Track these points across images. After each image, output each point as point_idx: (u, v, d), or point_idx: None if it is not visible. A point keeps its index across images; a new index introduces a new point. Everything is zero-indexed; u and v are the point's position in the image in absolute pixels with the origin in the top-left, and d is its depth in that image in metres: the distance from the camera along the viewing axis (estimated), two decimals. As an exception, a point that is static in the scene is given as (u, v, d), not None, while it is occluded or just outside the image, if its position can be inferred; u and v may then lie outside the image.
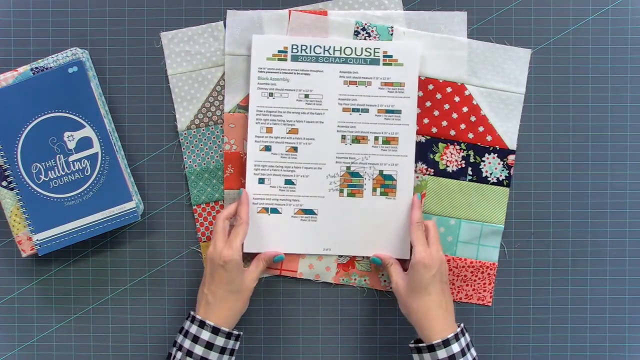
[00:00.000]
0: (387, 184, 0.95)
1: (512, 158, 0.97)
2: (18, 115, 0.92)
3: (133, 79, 0.97)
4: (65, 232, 0.93)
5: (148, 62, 0.97)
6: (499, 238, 0.97)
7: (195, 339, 0.86)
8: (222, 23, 0.96)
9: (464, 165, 0.97)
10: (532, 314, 0.98)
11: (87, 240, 0.96)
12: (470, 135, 0.96)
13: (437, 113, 0.96)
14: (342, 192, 0.96)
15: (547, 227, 0.98)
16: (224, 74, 0.96)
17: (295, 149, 0.95)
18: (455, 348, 0.85)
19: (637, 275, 0.98)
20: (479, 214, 0.97)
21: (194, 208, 0.97)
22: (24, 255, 0.94)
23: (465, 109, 0.96)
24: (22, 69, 0.92)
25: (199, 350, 0.86)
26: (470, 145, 0.97)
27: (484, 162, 0.97)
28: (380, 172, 0.96)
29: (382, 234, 0.96)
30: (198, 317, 0.87)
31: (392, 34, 0.96)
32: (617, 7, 0.97)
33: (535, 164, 0.97)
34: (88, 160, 0.93)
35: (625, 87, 0.97)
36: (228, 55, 0.96)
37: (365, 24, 0.95)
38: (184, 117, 0.97)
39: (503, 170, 0.97)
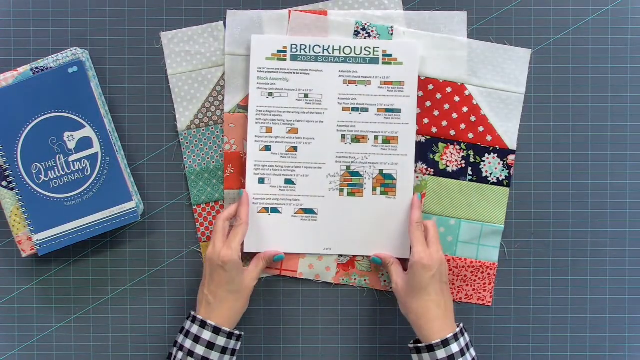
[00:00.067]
0: (387, 184, 0.95)
1: (512, 158, 0.97)
2: (18, 115, 0.92)
3: (133, 79, 0.97)
4: (65, 232, 0.93)
5: (148, 62, 0.97)
6: (499, 238, 0.97)
7: (197, 339, 0.86)
8: (222, 23, 0.96)
9: (464, 165, 0.97)
10: (532, 314, 0.98)
11: (87, 240, 0.96)
12: (470, 135, 0.96)
13: (437, 113, 0.96)
14: (342, 191, 0.96)
15: (547, 227, 0.98)
16: (224, 74, 0.96)
17: (295, 149, 0.95)
18: (455, 348, 0.84)
19: (637, 275, 0.98)
20: (479, 214, 0.97)
21: (194, 208, 0.97)
22: (24, 255, 0.94)
23: (465, 109, 0.96)
24: (22, 69, 0.92)
25: (200, 350, 0.86)
26: (470, 145, 0.97)
27: (484, 162, 0.97)
28: (380, 171, 0.95)
29: (382, 233, 0.96)
30: (199, 317, 0.87)
31: (392, 34, 0.96)
32: (617, 7, 0.97)
33: (535, 164, 0.97)
34: (88, 160, 0.93)
35: (625, 87, 0.97)
36: (228, 55, 0.96)
37: (365, 24, 0.95)
38: (184, 117, 0.97)
39: (503, 170, 0.97)
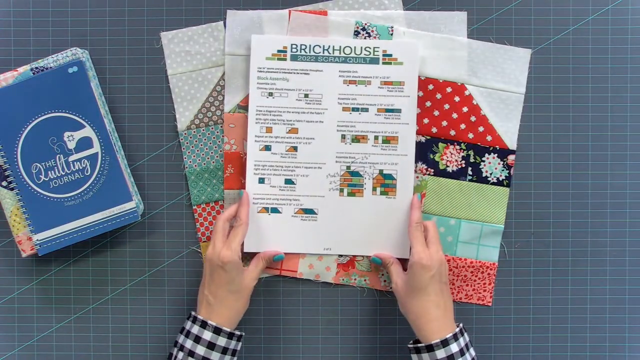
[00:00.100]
0: (387, 183, 0.95)
1: (512, 158, 0.97)
2: (18, 115, 0.92)
3: (133, 79, 0.97)
4: (65, 232, 0.93)
5: (148, 62, 0.97)
6: (499, 238, 0.97)
7: (197, 339, 0.86)
8: (222, 23, 0.96)
9: (464, 165, 0.97)
10: (532, 314, 0.98)
11: (87, 240, 0.96)
12: (470, 135, 0.96)
13: (437, 113, 0.96)
14: (342, 191, 0.96)
15: (547, 227, 0.98)
16: (224, 74, 0.96)
17: (295, 149, 0.95)
18: (454, 348, 0.84)
19: (637, 275, 0.98)
20: (479, 214, 0.97)
21: (194, 208, 0.97)
22: (24, 255, 0.94)
23: (465, 109, 0.96)
24: (22, 69, 0.92)
25: (201, 351, 0.86)
26: (470, 145, 0.97)
27: (484, 162, 0.97)
28: (380, 171, 0.95)
29: (382, 233, 0.96)
30: (200, 317, 0.87)
31: (392, 34, 0.96)
32: (617, 7, 0.97)
33: (535, 164, 0.97)
34: (88, 160, 0.93)
35: (625, 87, 0.97)
36: (228, 55, 0.96)
37: (365, 24, 0.95)
38: (184, 117, 0.97)
39: (503, 170, 0.97)
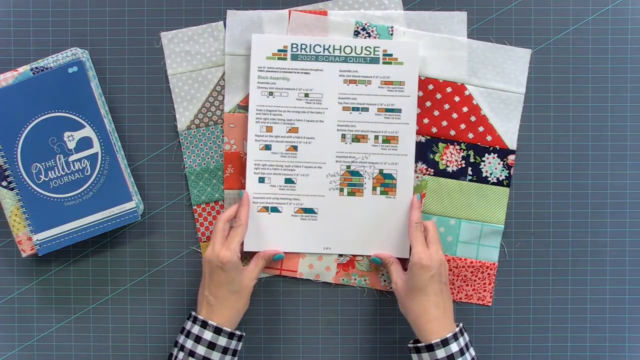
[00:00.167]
0: (387, 183, 0.95)
1: (512, 158, 0.97)
2: (18, 115, 0.92)
3: (133, 79, 0.97)
4: (65, 232, 0.93)
5: (148, 62, 0.97)
6: (499, 238, 0.97)
7: (198, 339, 0.86)
8: (222, 23, 0.96)
9: (464, 165, 0.97)
10: (532, 314, 0.98)
11: (87, 240, 0.96)
12: (470, 135, 0.96)
13: (437, 113, 0.96)
14: (342, 191, 0.96)
15: (547, 227, 0.98)
16: (224, 74, 0.96)
17: (295, 148, 0.95)
18: (454, 347, 0.84)
19: (637, 275, 0.98)
20: (479, 214, 0.97)
21: (194, 208, 0.97)
22: (24, 255, 0.94)
23: (465, 109, 0.96)
24: (22, 69, 0.92)
25: (202, 351, 0.86)
26: (470, 145, 0.97)
27: (484, 162, 0.97)
28: (380, 171, 0.95)
29: (382, 233, 0.96)
30: (200, 317, 0.87)
31: (392, 34, 0.96)
32: (617, 7, 0.97)
33: (535, 164, 0.97)
34: (88, 160, 0.93)
35: (625, 87, 0.97)
36: (228, 55, 0.96)
37: (365, 24, 0.95)
38: (184, 117, 0.97)
39: (503, 170, 0.97)
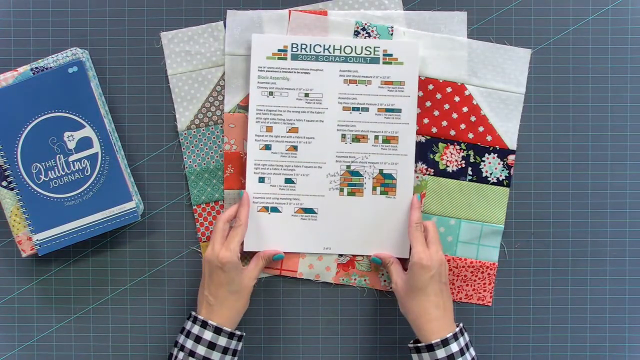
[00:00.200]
0: (387, 183, 0.95)
1: (512, 158, 0.97)
2: (18, 115, 0.92)
3: (133, 79, 0.97)
4: (65, 232, 0.93)
5: (148, 62, 0.97)
6: (499, 238, 0.97)
7: (198, 339, 0.86)
8: (222, 23, 0.96)
9: (464, 165, 0.97)
10: (532, 314, 0.98)
11: (87, 240, 0.96)
12: (470, 135, 0.96)
13: (437, 113, 0.96)
14: (342, 191, 0.96)
15: (547, 227, 0.98)
16: (224, 74, 0.96)
17: (295, 148, 0.95)
18: (454, 347, 0.84)
19: (637, 275, 0.98)
20: (479, 214, 0.97)
21: (194, 208, 0.97)
22: (24, 255, 0.94)
23: (465, 109, 0.96)
24: (22, 69, 0.92)
25: (202, 351, 0.86)
26: (470, 145, 0.97)
27: (484, 162, 0.97)
28: (380, 171, 0.95)
29: (382, 233, 0.96)
30: (200, 317, 0.87)
31: (392, 34, 0.96)
32: (617, 7, 0.97)
33: (535, 164, 0.97)
34: (88, 160, 0.93)
35: (625, 87, 0.97)
36: (228, 55, 0.96)
37: (365, 24, 0.95)
38: (184, 117, 0.97)
39: (503, 170, 0.97)
